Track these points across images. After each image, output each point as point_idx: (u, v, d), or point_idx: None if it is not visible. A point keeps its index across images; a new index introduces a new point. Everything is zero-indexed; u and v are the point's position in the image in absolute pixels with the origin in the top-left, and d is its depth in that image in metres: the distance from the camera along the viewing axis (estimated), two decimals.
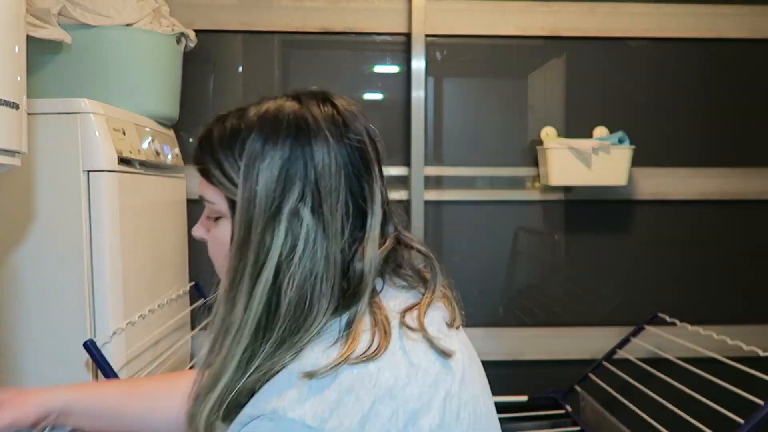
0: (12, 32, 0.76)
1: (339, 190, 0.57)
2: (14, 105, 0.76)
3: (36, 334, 1.12)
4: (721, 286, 1.84)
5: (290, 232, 0.56)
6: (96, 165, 1.10)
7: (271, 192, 0.56)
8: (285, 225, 0.56)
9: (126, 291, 1.17)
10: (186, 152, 1.70)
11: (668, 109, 1.81)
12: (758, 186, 1.82)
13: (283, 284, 0.56)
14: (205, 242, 0.67)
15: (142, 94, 1.35)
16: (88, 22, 1.25)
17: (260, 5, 1.73)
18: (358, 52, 1.79)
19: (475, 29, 1.77)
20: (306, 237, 0.56)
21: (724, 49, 1.80)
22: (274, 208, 0.56)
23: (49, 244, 1.10)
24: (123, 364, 1.14)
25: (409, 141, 1.75)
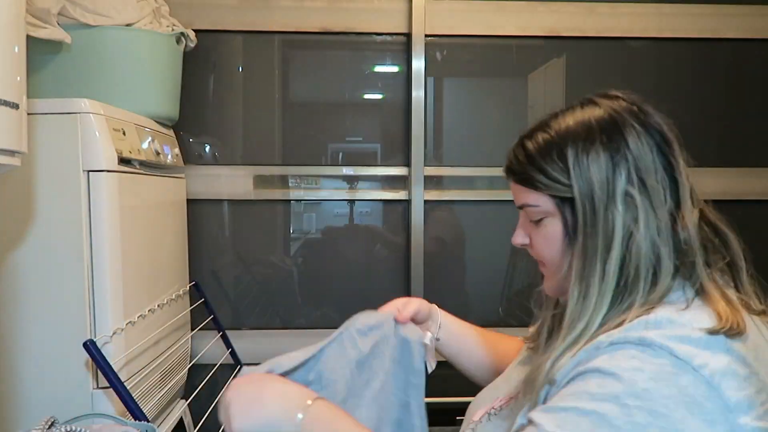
0: (12, 32, 0.76)
1: (655, 167, 0.68)
2: (14, 105, 0.76)
3: (36, 334, 1.12)
4: None
5: (628, 209, 0.66)
6: (96, 165, 1.10)
7: (604, 179, 0.66)
8: (622, 205, 0.66)
9: (126, 291, 1.17)
10: (186, 152, 1.71)
11: (668, 109, 1.80)
12: (758, 186, 1.82)
13: (631, 254, 0.65)
14: (525, 248, 0.78)
15: (142, 94, 1.35)
16: (88, 22, 1.25)
17: (260, 5, 1.73)
18: (358, 52, 1.79)
19: (475, 29, 1.77)
20: (641, 210, 0.65)
21: (724, 49, 1.80)
22: (610, 192, 0.66)
23: (49, 244, 1.11)
24: (123, 364, 1.14)
25: (409, 141, 1.75)
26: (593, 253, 0.66)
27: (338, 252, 1.84)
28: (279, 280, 1.81)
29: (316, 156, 1.80)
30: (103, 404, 1.13)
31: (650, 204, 0.66)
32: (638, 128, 0.70)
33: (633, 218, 0.65)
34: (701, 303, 0.64)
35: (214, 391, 1.68)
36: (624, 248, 0.65)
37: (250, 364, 1.79)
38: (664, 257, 0.65)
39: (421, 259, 1.74)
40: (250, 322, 1.80)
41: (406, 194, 1.78)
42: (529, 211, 0.73)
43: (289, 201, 1.80)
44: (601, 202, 0.66)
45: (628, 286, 0.65)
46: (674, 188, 0.69)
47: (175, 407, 1.48)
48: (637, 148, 0.68)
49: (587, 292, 0.66)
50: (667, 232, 0.66)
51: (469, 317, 1.02)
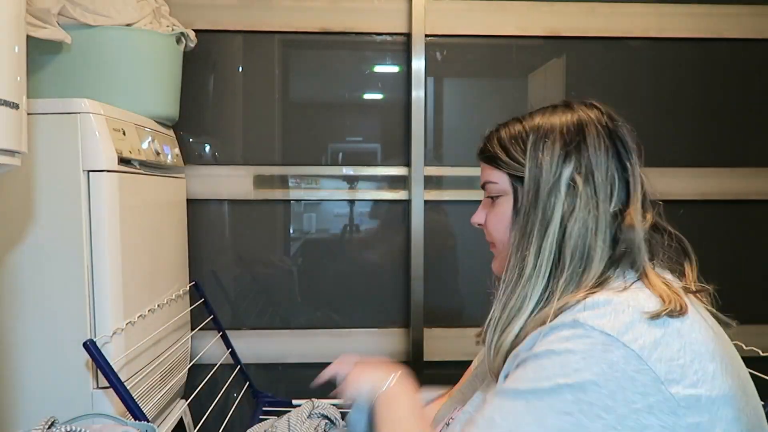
0: (12, 32, 0.76)
1: (607, 166, 0.72)
2: (14, 105, 0.76)
3: (36, 334, 1.12)
4: (720, 286, 1.84)
5: (569, 195, 0.71)
6: (96, 165, 1.10)
7: (554, 165, 0.72)
8: (565, 190, 0.72)
9: (126, 291, 1.17)
10: (186, 152, 1.71)
11: (668, 109, 1.81)
12: (758, 186, 1.82)
13: (566, 237, 0.70)
14: (481, 227, 0.85)
15: (142, 94, 1.35)
16: (88, 22, 1.25)
17: (260, 5, 1.73)
18: (358, 52, 1.79)
19: (475, 29, 1.77)
20: (582, 199, 0.71)
21: (724, 49, 1.80)
22: (556, 177, 0.72)
23: (49, 244, 1.11)
24: (123, 364, 1.14)
25: (409, 141, 1.75)
26: (531, 230, 0.72)
27: (338, 252, 1.84)
28: (279, 280, 1.81)
29: (316, 156, 1.80)
30: (103, 404, 1.13)
31: (593, 196, 0.71)
32: (600, 130, 0.74)
33: (572, 204, 0.71)
34: (641, 285, 0.68)
35: (214, 391, 1.68)
36: (560, 230, 0.71)
37: (250, 364, 1.79)
38: (598, 246, 0.70)
39: (421, 259, 1.74)
40: (250, 322, 1.80)
41: (406, 194, 1.78)
42: (489, 188, 0.81)
43: (289, 201, 1.80)
44: (546, 185, 0.72)
45: (560, 266, 0.70)
46: (625, 190, 0.73)
47: (175, 407, 1.48)
48: (593, 147, 0.73)
49: (523, 265, 0.72)
50: (604, 225, 0.71)
51: (470, 317, 1.03)
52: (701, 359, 0.61)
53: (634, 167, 0.75)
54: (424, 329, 1.76)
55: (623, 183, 0.73)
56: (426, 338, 1.77)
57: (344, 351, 1.78)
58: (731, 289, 1.97)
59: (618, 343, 0.60)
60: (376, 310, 1.82)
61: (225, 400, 1.72)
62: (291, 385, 1.80)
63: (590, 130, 0.74)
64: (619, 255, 0.71)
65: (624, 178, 0.74)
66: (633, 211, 0.72)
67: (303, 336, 1.80)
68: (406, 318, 1.80)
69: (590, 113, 0.76)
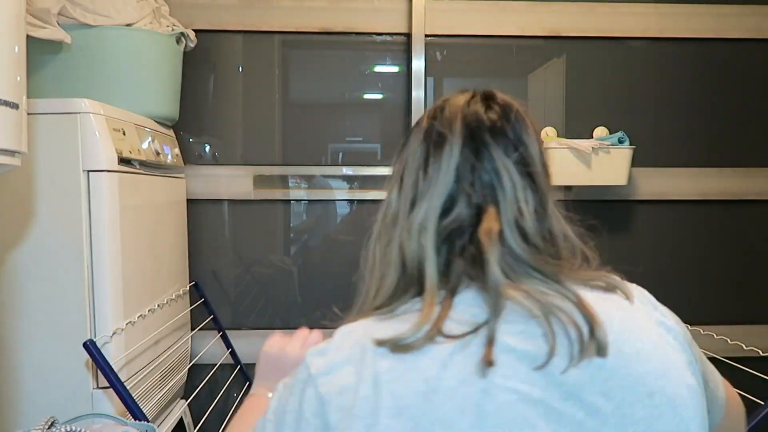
0: (12, 32, 0.76)
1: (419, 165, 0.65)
2: (14, 105, 0.76)
3: (36, 335, 1.12)
4: (720, 286, 1.84)
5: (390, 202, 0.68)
6: (96, 165, 1.11)
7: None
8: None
9: (126, 291, 1.17)
10: (186, 152, 1.71)
11: (668, 109, 1.81)
12: (758, 186, 1.82)
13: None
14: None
15: (142, 94, 1.35)
16: (88, 22, 1.25)
17: (260, 5, 1.73)
18: (358, 52, 1.79)
19: (475, 29, 1.77)
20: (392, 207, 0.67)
21: (724, 49, 1.80)
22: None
23: (49, 244, 1.11)
24: (123, 364, 1.14)
25: None
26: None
27: (338, 252, 1.83)
28: (279, 280, 1.81)
29: (316, 156, 1.80)
30: (103, 404, 1.13)
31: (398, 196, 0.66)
32: (424, 126, 0.67)
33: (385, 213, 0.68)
34: (419, 308, 0.57)
35: (214, 391, 1.68)
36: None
37: (250, 364, 1.79)
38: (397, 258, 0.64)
39: None
40: (249, 322, 1.80)
41: None
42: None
43: (289, 201, 1.80)
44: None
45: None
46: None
47: (175, 407, 1.48)
48: (413, 146, 0.66)
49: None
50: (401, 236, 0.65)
51: None
52: (386, 414, 0.50)
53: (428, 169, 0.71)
54: None
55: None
56: None
57: None
58: (731, 289, 1.98)
59: (313, 383, 0.55)
60: None
61: (225, 399, 1.72)
62: None
63: (416, 128, 0.68)
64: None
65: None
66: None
67: None
68: None
69: (427, 113, 0.69)
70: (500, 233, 0.58)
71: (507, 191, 0.60)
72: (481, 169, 0.61)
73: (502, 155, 0.61)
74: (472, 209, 0.60)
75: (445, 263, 0.59)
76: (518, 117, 0.64)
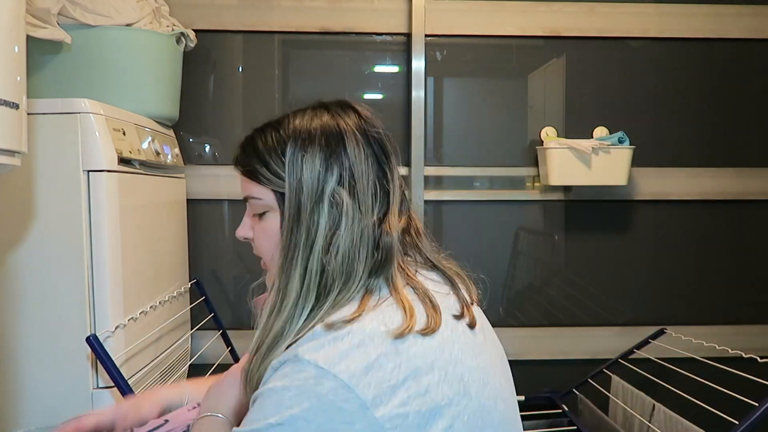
0: (12, 32, 0.76)
1: (368, 174, 0.70)
2: (14, 105, 0.76)
3: (36, 335, 1.12)
4: (720, 286, 1.84)
5: (333, 209, 0.68)
6: (96, 165, 1.11)
7: (315, 179, 0.69)
8: (328, 205, 0.68)
9: (126, 291, 1.17)
10: (186, 152, 1.71)
11: (668, 109, 1.81)
12: (758, 186, 1.82)
13: (330, 253, 0.67)
14: (248, 241, 0.78)
15: (142, 94, 1.35)
16: (88, 22, 1.25)
17: (260, 5, 1.73)
18: (358, 52, 1.79)
19: (475, 29, 1.77)
20: (346, 213, 0.68)
21: (724, 49, 1.80)
22: (318, 192, 0.68)
23: (49, 244, 1.11)
24: (123, 361, 1.14)
25: (409, 141, 1.75)
26: (295, 251, 0.68)
27: None
28: None
29: None
30: (104, 404, 1.13)
31: (357, 207, 0.68)
32: (359, 137, 0.71)
33: (336, 219, 0.68)
34: (391, 303, 0.65)
35: None
36: (325, 248, 0.67)
37: None
38: (362, 259, 0.67)
39: None
40: (249, 321, 1.80)
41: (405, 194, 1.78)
42: (253, 204, 0.75)
43: None
44: (308, 200, 0.68)
45: (331, 285, 0.67)
46: (385, 196, 0.71)
47: None
48: (355, 155, 0.70)
49: (287, 287, 0.68)
50: (369, 236, 0.69)
51: None
52: (416, 374, 0.60)
53: (392, 171, 0.73)
54: None
55: (384, 190, 0.71)
56: None
57: None
58: (731, 290, 1.98)
59: (329, 374, 0.58)
60: None
61: None
62: None
63: (349, 137, 0.71)
64: (377, 265, 0.68)
65: (383, 184, 0.71)
66: (391, 216, 0.71)
67: None
68: None
69: (347, 119, 0.73)
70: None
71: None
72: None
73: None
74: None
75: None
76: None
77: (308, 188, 0.68)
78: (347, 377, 0.58)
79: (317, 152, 0.69)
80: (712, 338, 1.45)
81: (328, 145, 0.70)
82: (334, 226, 0.68)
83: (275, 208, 0.72)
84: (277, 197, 0.71)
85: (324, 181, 0.68)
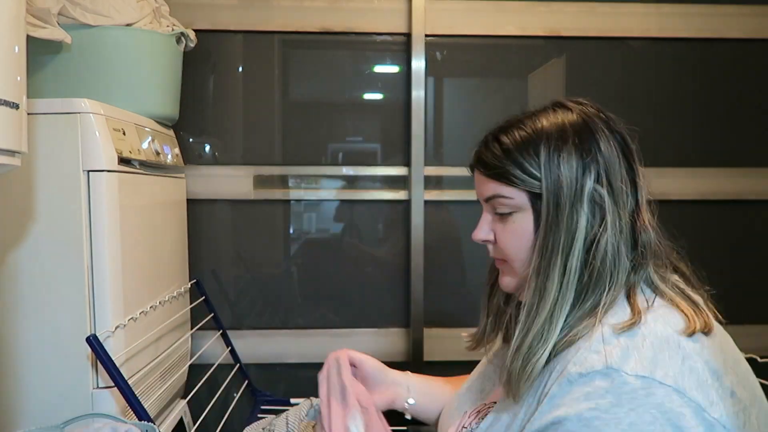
0: (12, 32, 0.76)
1: (620, 169, 0.71)
2: (14, 105, 0.76)
3: (36, 335, 1.12)
4: (720, 286, 1.84)
5: (593, 208, 0.68)
6: (96, 165, 1.11)
7: (573, 178, 0.69)
8: (588, 204, 0.68)
9: (126, 291, 1.17)
10: (186, 152, 1.71)
11: (668, 109, 1.81)
12: (758, 186, 1.82)
13: (594, 253, 0.67)
14: (486, 243, 0.79)
15: (142, 94, 1.35)
16: (88, 22, 1.25)
17: (260, 5, 1.73)
18: (358, 52, 1.79)
19: (475, 29, 1.77)
20: (608, 211, 0.68)
21: (724, 49, 1.80)
22: (578, 191, 0.68)
23: (49, 244, 1.11)
24: (123, 361, 1.14)
25: (409, 141, 1.75)
26: (554, 249, 0.68)
27: (338, 252, 1.84)
28: (279, 280, 1.82)
29: (316, 156, 1.80)
30: (103, 404, 1.13)
31: (615, 205, 0.69)
32: (607, 133, 0.72)
33: (599, 217, 0.68)
34: (661, 303, 0.67)
35: (213, 390, 1.68)
36: (587, 246, 0.68)
37: (250, 364, 1.79)
38: (624, 257, 0.68)
39: (421, 259, 1.74)
40: (249, 322, 1.80)
41: (406, 194, 1.78)
42: (500, 204, 0.74)
43: (289, 201, 1.80)
44: (567, 200, 0.68)
45: (591, 285, 0.67)
46: (634, 191, 0.72)
47: (175, 406, 1.48)
48: (607, 152, 0.70)
49: (545, 287, 0.68)
50: (628, 233, 0.69)
51: (470, 318, 1.03)
52: (717, 375, 0.60)
53: (637, 164, 0.74)
54: (424, 329, 1.76)
55: (633, 184, 0.72)
56: (426, 338, 1.77)
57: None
58: (731, 290, 1.98)
59: (655, 382, 0.58)
60: (376, 310, 1.82)
61: (224, 399, 1.72)
62: (290, 385, 1.80)
63: (599, 132, 0.71)
64: (637, 263, 0.69)
65: (632, 178, 0.72)
66: (644, 211, 0.71)
67: (303, 336, 1.80)
68: (406, 318, 1.80)
69: (593, 115, 0.73)
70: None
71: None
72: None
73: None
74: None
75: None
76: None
77: (567, 188, 0.68)
78: (673, 382, 0.58)
79: (572, 150, 0.70)
80: None
81: (582, 143, 0.70)
82: (595, 224, 0.68)
83: (526, 208, 0.72)
84: (530, 197, 0.71)
85: (582, 181, 0.69)
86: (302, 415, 1.14)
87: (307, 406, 1.20)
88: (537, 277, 0.69)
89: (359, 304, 1.83)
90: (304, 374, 1.78)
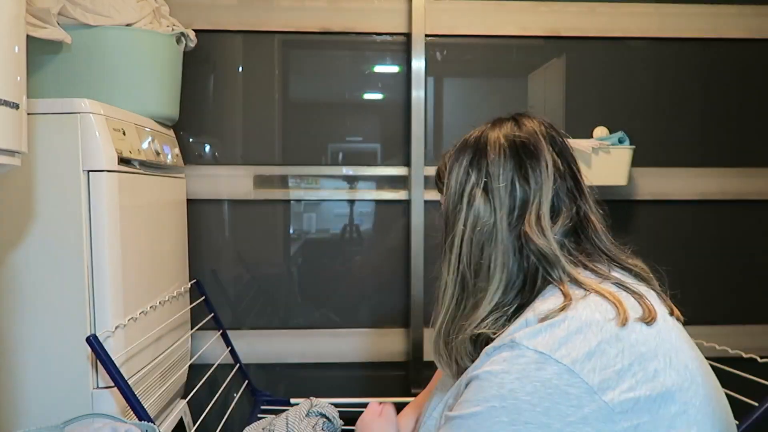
0: (12, 32, 0.76)
1: (506, 175, 0.74)
2: (14, 105, 0.76)
3: (35, 335, 1.12)
4: (721, 286, 1.84)
5: (470, 209, 0.75)
6: (96, 165, 1.11)
7: (460, 181, 0.77)
8: (465, 205, 0.75)
9: (126, 291, 1.17)
10: (186, 152, 1.71)
11: (668, 109, 1.81)
12: (758, 186, 1.82)
13: (467, 250, 0.74)
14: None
15: (142, 94, 1.35)
16: (88, 22, 1.25)
17: (260, 5, 1.73)
18: (358, 52, 1.79)
19: (475, 29, 1.77)
20: (479, 211, 0.74)
21: (724, 49, 1.80)
22: (460, 192, 0.76)
23: (49, 244, 1.11)
24: (123, 361, 1.14)
25: (409, 141, 1.75)
26: (446, 247, 0.77)
27: (338, 252, 1.84)
28: (279, 280, 1.82)
29: (316, 156, 1.80)
30: (104, 404, 1.13)
31: (492, 207, 0.74)
32: (503, 142, 0.77)
33: (473, 219, 0.74)
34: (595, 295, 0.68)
35: (213, 390, 1.68)
36: (467, 243, 0.74)
37: (250, 364, 1.79)
38: (500, 257, 0.73)
39: (421, 259, 1.74)
40: (249, 321, 1.80)
41: (406, 194, 1.78)
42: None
43: (289, 201, 1.80)
44: (452, 201, 0.77)
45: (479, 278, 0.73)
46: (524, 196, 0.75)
47: (175, 406, 1.48)
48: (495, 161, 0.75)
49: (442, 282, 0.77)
50: (506, 237, 0.73)
51: None
52: (641, 360, 0.62)
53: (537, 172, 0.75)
54: (424, 329, 1.76)
55: (523, 191, 0.75)
56: (426, 338, 1.77)
57: (343, 351, 1.78)
58: (731, 290, 1.98)
59: (551, 359, 0.61)
60: (376, 310, 1.82)
61: (224, 399, 1.72)
62: (290, 385, 1.80)
63: (492, 145, 0.77)
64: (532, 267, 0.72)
65: (523, 187, 0.75)
66: (528, 221, 0.73)
67: (303, 336, 1.80)
68: (406, 318, 1.80)
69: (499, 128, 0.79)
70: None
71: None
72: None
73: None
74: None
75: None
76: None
77: (454, 192, 0.77)
78: (570, 362, 0.60)
79: (464, 159, 0.78)
80: (712, 338, 1.45)
81: (474, 153, 0.77)
82: (471, 224, 0.74)
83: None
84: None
85: (465, 183, 0.76)
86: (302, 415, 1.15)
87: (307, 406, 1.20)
88: (439, 273, 0.78)
89: (359, 304, 1.83)
90: (304, 374, 1.78)
